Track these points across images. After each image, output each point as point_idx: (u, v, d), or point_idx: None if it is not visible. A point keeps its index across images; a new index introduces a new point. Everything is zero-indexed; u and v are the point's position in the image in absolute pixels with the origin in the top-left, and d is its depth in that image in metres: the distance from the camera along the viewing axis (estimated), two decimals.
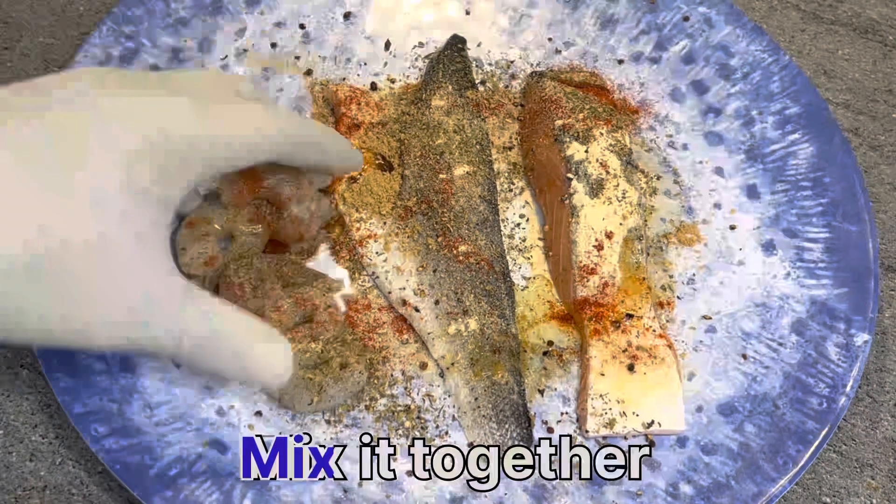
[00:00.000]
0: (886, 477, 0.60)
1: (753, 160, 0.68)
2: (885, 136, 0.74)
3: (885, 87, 0.76)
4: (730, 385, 0.60)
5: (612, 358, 0.59)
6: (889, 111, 0.75)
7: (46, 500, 0.56)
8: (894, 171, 0.72)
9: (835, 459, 0.60)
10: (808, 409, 0.58)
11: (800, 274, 0.63)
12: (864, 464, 0.60)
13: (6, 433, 0.58)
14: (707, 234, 0.66)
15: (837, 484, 0.59)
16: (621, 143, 0.64)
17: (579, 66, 0.72)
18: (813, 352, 0.60)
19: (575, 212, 0.62)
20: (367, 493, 0.55)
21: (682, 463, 0.57)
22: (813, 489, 0.59)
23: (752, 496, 0.55)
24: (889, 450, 0.61)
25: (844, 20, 0.80)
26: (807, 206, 0.65)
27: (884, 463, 0.60)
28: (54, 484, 0.57)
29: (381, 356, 0.59)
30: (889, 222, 0.70)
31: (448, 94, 0.67)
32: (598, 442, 0.58)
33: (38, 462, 0.57)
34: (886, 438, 0.61)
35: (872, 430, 0.62)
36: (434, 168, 0.64)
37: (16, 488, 0.57)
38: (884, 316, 0.65)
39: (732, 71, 0.71)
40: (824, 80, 0.77)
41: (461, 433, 0.57)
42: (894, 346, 0.64)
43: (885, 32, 0.78)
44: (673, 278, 0.64)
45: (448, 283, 0.60)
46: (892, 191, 0.71)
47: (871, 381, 0.63)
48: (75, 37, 0.73)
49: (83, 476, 0.57)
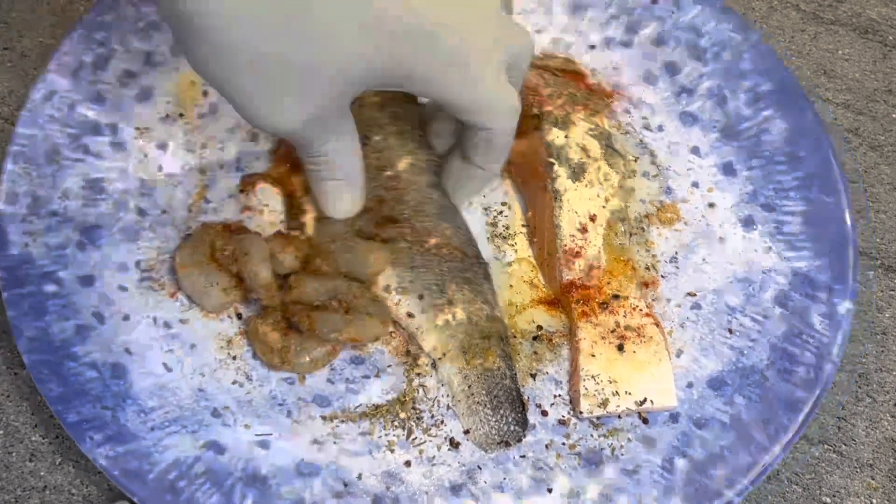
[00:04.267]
0: (886, 477, 0.60)
1: (728, 138, 0.69)
2: (885, 136, 0.74)
3: (885, 87, 0.77)
4: (718, 359, 0.60)
5: (602, 339, 0.59)
6: (889, 111, 0.75)
7: (46, 500, 0.56)
8: (894, 171, 0.72)
9: (835, 459, 0.61)
10: (796, 378, 0.59)
11: (780, 247, 0.64)
12: (864, 464, 0.60)
13: (6, 433, 0.58)
14: (687, 213, 0.66)
15: (837, 484, 0.60)
16: (600, 126, 0.65)
17: (552, 53, 0.72)
18: (797, 322, 0.61)
19: (558, 196, 0.62)
20: (367, 486, 0.55)
21: (675, 438, 0.57)
22: (813, 489, 0.59)
23: (746, 466, 0.56)
24: (889, 450, 0.61)
25: (844, 20, 0.80)
26: (783, 180, 0.66)
27: (884, 463, 0.61)
28: (54, 484, 0.57)
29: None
30: (889, 222, 0.70)
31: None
32: (593, 422, 0.58)
33: (38, 462, 0.57)
34: (886, 438, 0.61)
35: (872, 430, 0.62)
36: (377, 166, 0.64)
37: (16, 488, 0.56)
38: (884, 316, 0.66)
39: (703, 51, 0.71)
40: (824, 80, 0.77)
41: (457, 422, 0.58)
42: (894, 346, 0.65)
43: (885, 32, 0.79)
44: (656, 258, 0.64)
45: (427, 276, 0.61)
46: (892, 191, 0.71)
47: (871, 381, 0.63)
48: None
49: (83, 476, 0.57)
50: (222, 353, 0.59)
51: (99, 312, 0.58)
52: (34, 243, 0.59)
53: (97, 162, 0.63)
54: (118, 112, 0.65)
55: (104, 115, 0.65)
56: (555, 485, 0.56)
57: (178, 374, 0.57)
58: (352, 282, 0.59)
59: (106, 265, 0.60)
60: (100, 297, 0.59)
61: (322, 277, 0.59)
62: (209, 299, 0.59)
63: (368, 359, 0.60)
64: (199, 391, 0.57)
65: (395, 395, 0.58)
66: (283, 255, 0.58)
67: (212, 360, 0.58)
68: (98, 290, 0.59)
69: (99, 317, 0.58)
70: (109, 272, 0.60)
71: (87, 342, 0.57)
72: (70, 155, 0.63)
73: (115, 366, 0.56)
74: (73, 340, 0.56)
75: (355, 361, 0.59)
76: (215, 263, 0.59)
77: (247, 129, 0.67)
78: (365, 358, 0.60)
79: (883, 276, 0.68)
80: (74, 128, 0.64)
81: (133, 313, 0.59)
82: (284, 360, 0.57)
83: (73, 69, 0.65)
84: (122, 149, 0.64)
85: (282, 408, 0.57)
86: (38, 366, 0.55)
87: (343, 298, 0.58)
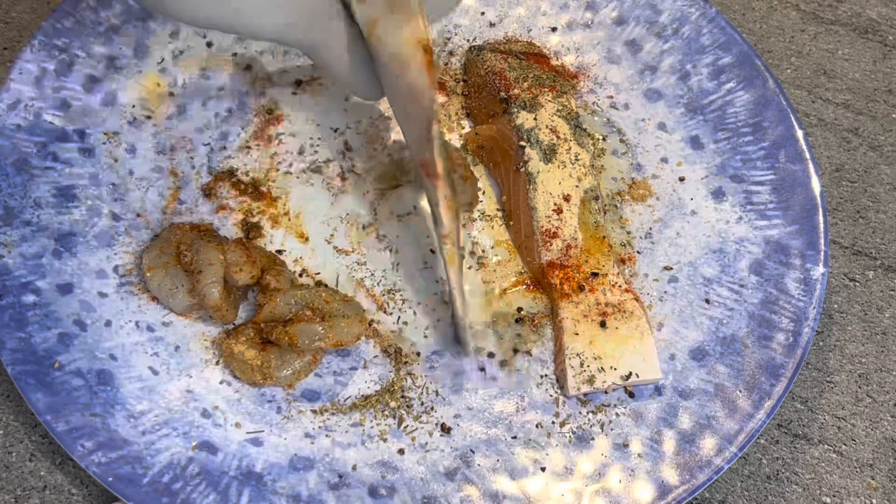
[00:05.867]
0: (886, 477, 0.61)
1: (693, 112, 0.70)
2: (885, 136, 0.74)
3: (885, 87, 0.77)
4: (698, 330, 0.61)
5: (584, 317, 0.60)
6: (889, 111, 0.75)
7: (46, 500, 0.56)
8: (894, 171, 0.73)
9: (835, 459, 0.61)
10: (776, 343, 0.60)
11: (751, 217, 0.65)
12: (864, 464, 0.61)
13: (6, 433, 0.58)
14: (658, 189, 0.67)
15: (837, 484, 0.60)
16: (568, 107, 0.66)
17: (515, 37, 0.72)
18: (773, 289, 0.62)
19: (531, 178, 0.63)
20: (363, 476, 0.55)
21: (662, 410, 0.58)
22: (813, 489, 0.60)
23: (733, 434, 0.57)
24: (889, 450, 0.62)
25: (844, 20, 0.80)
26: (749, 150, 0.67)
27: (884, 463, 0.61)
28: (54, 484, 0.56)
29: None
30: (889, 222, 0.71)
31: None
32: (580, 400, 0.59)
33: (38, 462, 0.57)
34: (886, 438, 0.62)
35: (872, 430, 0.62)
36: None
37: (16, 488, 0.56)
38: (884, 316, 0.66)
39: (663, 28, 0.72)
40: (824, 80, 0.77)
41: (447, 407, 0.58)
42: (894, 346, 0.65)
43: (885, 32, 0.79)
44: (631, 234, 0.65)
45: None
46: (892, 191, 0.72)
47: (871, 381, 0.64)
48: None
49: (83, 476, 0.57)
50: (208, 353, 0.59)
51: (80, 320, 0.58)
52: (9, 254, 0.58)
53: (67, 169, 0.63)
54: (85, 118, 0.65)
55: (71, 122, 0.64)
56: (548, 463, 0.56)
57: (164, 376, 0.57)
58: (319, 288, 0.59)
59: (84, 272, 0.59)
60: (80, 304, 0.58)
61: (291, 290, 0.58)
62: (175, 302, 0.59)
63: (354, 351, 0.60)
64: (188, 392, 0.57)
65: (383, 384, 0.59)
66: (239, 276, 0.58)
67: (198, 360, 0.58)
68: (78, 298, 0.58)
69: (81, 324, 0.57)
70: (88, 279, 0.59)
71: (71, 350, 0.56)
72: (39, 163, 0.62)
73: (101, 372, 0.56)
74: (57, 349, 0.56)
75: (342, 354, 0.60)
76: (181, 265, 0.59)
77: (218, 129, 0.66)
78: (351, 350, 0.60)
79: (883, 276, 0.68)
80: (41, 136, 0.63)
81: (115, 319, 0.58)
82: (266, 375, 0.57)
83: (36, 77, 0.64)
84: (91, 154, 0.64)
85: (271, 404, 0.57)
86: (23, 376, 0.54)
87: (315, 306, 0.58)
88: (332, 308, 0.58)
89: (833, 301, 0.66)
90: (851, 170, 0.73)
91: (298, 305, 0.58)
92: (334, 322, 0.57)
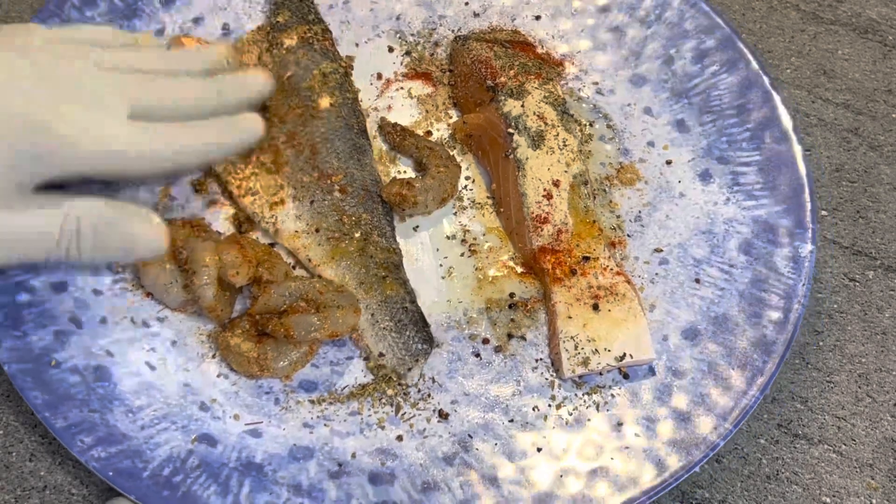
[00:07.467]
0: (886, 477, 0.61)
1: (678, 96, 0.70)
2: (884, 136, 0.75)
3: (885, 87, 0.77)
4: (689, 310, 0.62)
5: (577, 300, 0.60)
6: (889, 111, 0.76)
7: (46, 500, 0.56)
8: (894, 171, 0.73)
9: (835, 459, 0.61)
10: (767, 321, 0.61)
11: (739, 197, 0.66)
12: (864, 464, 0.61)
13: (6, 433, 0.58)
14: (646, 172, 0.68)
15: (837, 484, 0.60)
16: (554, 94, 0.66)
17: (500, 26, 0.73)
18: (763, 268, 0.63)
19: (520, 165, 0.63)
20: (362, 464, 0.56)
21: (657, 390, 0.59)
22: (813, 489, 0.60)
23: (727, 410, 0.57)
24: (889, 450, 0.62)
25: (844, 20, 0.80)
26: (735, 132, 0.68)
27: (884, 463, 0.61)
28: (54, 484, 0.56)
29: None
30: (889, 222, 0.71)
31: (296, 30, 0.68)
32: (576, 382, 0.59)
33: (38, 462, 0.57)
34: (886, 438, 0.62)
35: (872, 430, 0.62)
36: (294, 105, 0.65)
37: (16, 488, 0.56)
38: (884, 316, 0.67)
39: (646, 14, 0.73)
40: (824, 80, 0.77)
41: (444, 394, 0.59)
42: (894, 346, 0.66)
43: (885, 32, 0.79)
44: (620, 218, 0.66)
45: (326, 211, 0.62)
46: (892, 191, 0.72)
47: (871, 381, 0.64)
48: None
49: (83, 476, 0.57)
50: (204, 347, 0.59)
51: (75, 317, 0.58)
52: None
53: None
54: None
55: None
56: (545, 445, 0.57)
57: (162, 371, 0.57)
58: (312, 279, 0.60)
59: (77, 270, 0.59)
60: (75, 301, 0.58)
61: (285, 282, 0.59)
62: (170, 298, 0.59)
63: (350, 339, 0.60)
64: (185, 386, 0.57)
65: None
66: (236, 279, 0.58)
67: (194, 354, 0.58)
68: (72, 295, 0.58)
69: (76, 321, 0.58)
70: (82, 276, 0.59)
71: (67, 347, 0.56)
72: None
73: (98, 368, 0.56)
74: (53, 347, 0.56)
75: (337, 344, 0.60)
76: (176, 261, 0.59)
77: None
78: (346, 339, 0.60)
79: (883, 276, 0.68)
80: None
81: (110, 315, 0.59)
82: (264, 367, 0.57)
83: None
84: None
85: (269, 396, 0.58)
86: (20, 375, 0.54)
87: (309, 297, 0.58)
88: (326, 299, 0.58)
89: (833, 301, 0.67)
90: (851, 170, 0.73)
91: (293, 297, 0.58)
92: (329, 313, 0.57)
